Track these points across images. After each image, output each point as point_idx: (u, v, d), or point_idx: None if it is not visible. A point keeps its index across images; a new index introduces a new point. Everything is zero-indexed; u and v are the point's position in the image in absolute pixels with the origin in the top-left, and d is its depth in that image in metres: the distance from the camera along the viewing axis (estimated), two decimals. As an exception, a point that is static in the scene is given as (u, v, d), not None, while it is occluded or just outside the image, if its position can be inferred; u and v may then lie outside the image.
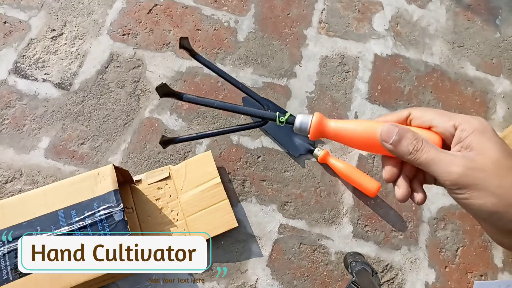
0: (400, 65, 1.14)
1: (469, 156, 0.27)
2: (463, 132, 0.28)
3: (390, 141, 0.28)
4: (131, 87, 1.04)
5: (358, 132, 0.30)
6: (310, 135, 0.31)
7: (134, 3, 1.14)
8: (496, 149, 0.26)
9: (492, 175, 0.25)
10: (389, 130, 0.29)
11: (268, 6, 1.18)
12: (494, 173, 0.25)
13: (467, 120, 0.28)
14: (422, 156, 0.27)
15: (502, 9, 1.25)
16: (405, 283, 0.92)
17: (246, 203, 0.95)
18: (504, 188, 0.25)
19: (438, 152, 0.27)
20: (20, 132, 0.97)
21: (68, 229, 0.79)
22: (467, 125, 0.28)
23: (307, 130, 0.31)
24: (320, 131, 0.31)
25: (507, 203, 0.25)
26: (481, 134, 0.27)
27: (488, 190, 0.25)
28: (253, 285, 0.89)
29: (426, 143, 0.28)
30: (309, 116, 0.31)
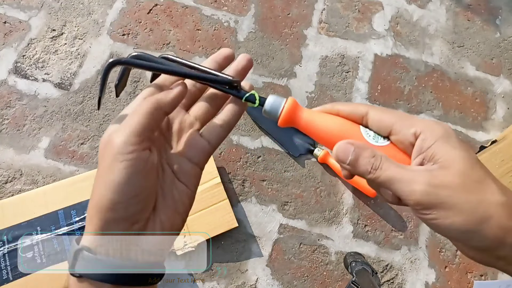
0: (400, 65, 1.14)
1: (432, 171, 0.24)
2: (425, 141, 0.25)
3: (347, 161, 0.26)
4: (131, 87, 1.04)
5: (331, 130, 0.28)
6: (280, 121, 0.28)
7: (134, 3, 1.14)
8: (461, 159, 0.24)
9: (458, 190, 0.23)
10: (345, 149, 0.26)
11: (268, 6, 1.18)
12: (461, 188, 0.23)
13: (429, 127, 0.25)
14: (382, 175, 0.25)
15: (502, 9, 1.25)
16: (405, 283, 0.92)
17: (246, 203, 0.95)
18: (472, 203, 0.23)
19: (398, 169, 0.25)
20: (20, 132, 0.97)
21: (68, 229, 0.79)
22: (429, 133, 0.25)
23: (277, 115, 0.28)
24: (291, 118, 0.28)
25: (477, 219, 0.23)
26: (444, 142, 0.24)
27: (455, 208, 0.23)
28: (253, 285, 0.89)
29: (385, 159, 0.25)
30: (282, 99, 0.28)
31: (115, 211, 0.22)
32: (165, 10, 1.14)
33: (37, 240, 0.77)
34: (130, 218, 0.23)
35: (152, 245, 0.24)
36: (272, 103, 0.28)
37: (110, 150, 0.23)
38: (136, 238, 0.24)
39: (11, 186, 0.92)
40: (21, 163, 0.94)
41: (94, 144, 0.98)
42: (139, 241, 0.24)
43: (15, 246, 0.76)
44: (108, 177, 0.22)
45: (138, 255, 0.24)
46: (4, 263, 0.75)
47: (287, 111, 0.28)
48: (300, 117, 0.28)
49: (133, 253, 0.24)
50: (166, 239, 0.25)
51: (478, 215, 0.23)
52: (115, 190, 0.22)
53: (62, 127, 0.99)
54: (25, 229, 0.78)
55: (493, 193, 0.23)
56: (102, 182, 0.23)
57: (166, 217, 0.25)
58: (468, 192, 0.23)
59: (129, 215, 0.23)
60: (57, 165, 0.95)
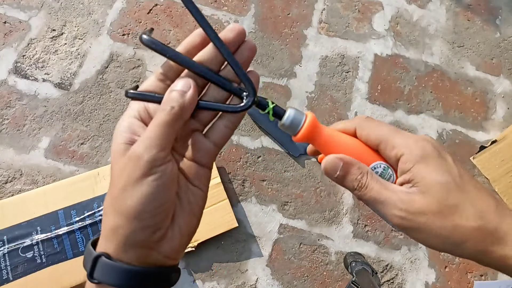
0: (400, 65, 1.14)
1: (411, 196, 0.25)
2: (405, 164, 0.25)
3: (335, 175, 0.27)
4: (131, 87, 1.04)
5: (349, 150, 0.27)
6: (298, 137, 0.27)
7: (134, 3, 1.14)
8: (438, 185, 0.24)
9: (434, 217, 0.24)
10: (333, 164, 0.27)
11: (268, 6, 1.18)
12: (436, 215, 0.24)
13: (409, 148, 0.25)
14: (366, 195, 0.26)
15: (502, 9, 1.25)
16: (405, 283, 0.92)
17: (246, 203, 0.95)
18: (447, 229, 0.24)
19: (382, 189, 0.26)
20: (20, 132, 0.97)
21: (68, 229, 0.79)
22: (408, 156, 0.25)
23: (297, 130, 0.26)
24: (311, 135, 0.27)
25: (452, 243, 0.24)
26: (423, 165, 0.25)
27: (431, 233, 0.24)
28: (253, 285, 0.89)
29: (371, 178, 0.26)
30: (302, 114, 0.26)
31: (142, 220, 0.23)
32: (165, 10, 1.14)
33: (37, 240, 0.77)
34: (154, 226, 0.24)
35: (172, 250, 0.25)
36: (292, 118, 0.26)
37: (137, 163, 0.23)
38: (157, 244, 0.24)
39: (11, 186, 0.92)
40: (21, 163, 0.94)
41: (94, 144, 0.98)
42: (160, 247, 0.24)
43: (15, 246, 0.76)
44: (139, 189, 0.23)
45: (157, 260, 0.25)
46: (4, 263, 0.75)
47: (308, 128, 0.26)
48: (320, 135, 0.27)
49: (152, 258, 0.24)
50: (184, 242, 0.26)
51: (453, 240, 0.24)
52: (143, 202, 0.23)
53: (62, 127, 0.99)
54: (25, 229, 0.78)
55: (468, 218, 0.24)
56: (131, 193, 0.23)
57: (183, 221, 0.25)
58: (443, 218, 0.24)
59: (154, 223, 0.23)
60: (57, 165, 0.95)
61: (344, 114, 1.07)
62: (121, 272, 0.23)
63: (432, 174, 0.25)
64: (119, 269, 0.23)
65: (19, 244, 0.76)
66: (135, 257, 0.24)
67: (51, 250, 0.77)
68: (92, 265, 0.24)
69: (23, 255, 0.76)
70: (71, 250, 0.77)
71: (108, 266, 0.23)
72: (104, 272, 0.23)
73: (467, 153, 1.06)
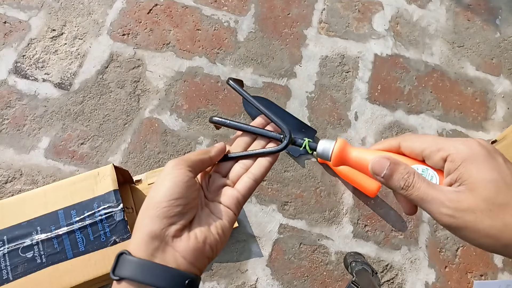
0: (400, 65, 1.14)
1: (459, 194, 0.25)
2: (452, 163, 0.25)
3: (381, 174, 0.27)
4: (131, 87, 1.04)
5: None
6: (332, 162, 0.31)
7: (134, 3, 1.14)
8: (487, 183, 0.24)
9: (483, 216, 0.24)
10: (381, 163, 0.28)
11: (268, 6, 1.18)
12: (485, 214, 0.24)
13: (456, 149, 0.26)
14: (414, 193, 0.26)
15: (502, 9, 1.25)
16: (405, 283, 0.92)
17: (246, 203, 0.95)
18: (497, 229, 0.24)
19: (429, 189, 0.26)
20: (20, 132, 0.97)
21: (68, 229, 0.79)
22: (455, 155, 0.25)
23: (329, 157, 0.31)
24: (342, 158, 0.30)
25: (502, 244, 0.24)
26: (471, 164, 0.25)
27: (480, 232, 0.24)
28: (253, 285, 0.89)
29: (418, 178, 0.26)
30: (332, 142, 0.31)
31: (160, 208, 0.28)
32: (165, 10, 1.14)
33: (37, 240, 0.77)
34: (170, 218, 0.28)
35: (185, 251, 0.28)
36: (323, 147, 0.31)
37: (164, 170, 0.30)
38: (172, 239, 0.27)
39: (11, 186, 0.92)
40: (21, 163, 0.94)
41: (94, 144, 0.98)
42: (175, 244, 0.28)
43: (15, 246, 0.76)
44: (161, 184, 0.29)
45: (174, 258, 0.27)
46: (4, 263, 0.75)
47: (337, 153, 0.30)
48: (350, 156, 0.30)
49: (169, 254, 0.27)
50: (200, 248, 0.28)
51: (504, 240, 0.23)
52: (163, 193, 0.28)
53: (62, 127, 0.99)
54: (25, 229, 0.78)
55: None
56: (156, 188, 0.29)
57: (199, 231, 0.30)
58: (493, 217, 0.24)
59: (170, 214, 0.28)
60: (57, 165, 0.95)
61: (344, 114, 1.07)
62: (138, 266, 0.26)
63: (480, 172, 0.24)
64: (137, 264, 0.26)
65: (19, 244, 0.76)
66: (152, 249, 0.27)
67: (51, 250, 0.77)
68: (115, 262, 0.27)
69: (23, 255, 0.76)
70: (71, 250, 0.77)
71: (125, 262, 0.26)
72: (124, 267, 0.26)
73: (467, 153, 1.06)
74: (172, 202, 0.28)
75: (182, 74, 1.07)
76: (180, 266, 0.27)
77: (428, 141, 0.28)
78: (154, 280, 0.26)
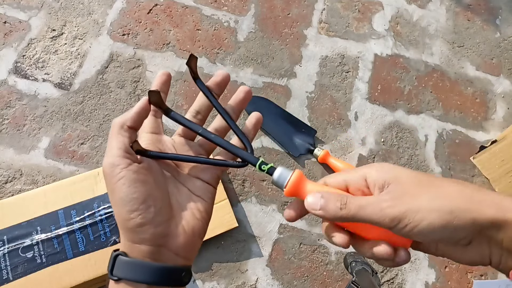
0: (400, 65, 1.15)
1: (390, 190, 0.27)
2: (372, 177, 0.28)
3: (318, 207, 0.28)
4: (131, 87, 1.04)
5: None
6: (285, 192, 0.31)
7: (134, 3, 1.14)
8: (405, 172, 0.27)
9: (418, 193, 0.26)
10: (314, 197, 0.28)
11: (268, 6, 1.18)
12: (419, 191, 0.26)
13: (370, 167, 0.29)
14: (352, 207, 0.27)
15: (502, 9, 1.26)
16: (405, 283, 0.92)
17: (246, 203, 0.95)
18: (438, 199, 0.25)
19: (364, 198, 0.27)
20: (20, 132, 0.97)
21: (68, 229, 0.79)
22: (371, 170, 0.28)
23: (283, 186, 0.31)
24: (296, 191, 0.30)
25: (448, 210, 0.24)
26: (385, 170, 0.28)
27: (425, 208, 0.25)
28: (253, 285, 0.89)
29: (351, 196, 0.28)
30: (289, 172, 0.31)
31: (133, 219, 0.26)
32: (165, 10, 1.14)
33: (37, 240, 0.77)
34: (151, 222, 0.26)
35: (179, 247, 0.28)
36: (279, 175, 0.31)
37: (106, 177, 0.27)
38: (163, 240, 0.27)
39: (11, 186, 0.92)
40: (21, 163, 0.94)
41: (94, 144, 0.98)
42: (167, 243, 0.27)
43: (15, 246, 0.76)
44: (114, 197, 0.26)
45: (169, 257, 0.28)
46: (4, 263, 0.75)
47: (292, 185, 0.30)
48: (304, 191, 0.30)
49: (163, 256, 0.27)
50: (190, 240, 0.29)
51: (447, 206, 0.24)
52: (124, 204, 0.26)
53: (62, 127, 0.99)
54: (25, 229, 0.78)
55: (449, 185, 0.26)
56: (113, 203, 0.27)
57: (185, 222, 0.29)
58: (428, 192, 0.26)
59: (148, 219, 0.26)
60: (57, 165, 0.95)
61: (344, 114, 1.07)
62: (135, 267, 0.27)
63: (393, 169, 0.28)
64: (133, 264, 0.27)
65: (19, 244, 0.76)
66: (147, 253, 0.27)
67: (51, 250, 0.77)
68: (112, 263, 0.27)
69: (23, 255, 0.76)
70: (71, 250, 0.77)
71: (124, 263, 0.27)
72: (121, 268, 0.27)
73: (467, 153, 1.06)
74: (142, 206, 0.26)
75: (182, 74, 1.07)
76: (174, 262, 0.28)
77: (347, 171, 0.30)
78: (151, 278, 0.26)
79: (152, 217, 0.26)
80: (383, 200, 0.26)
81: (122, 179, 0.26)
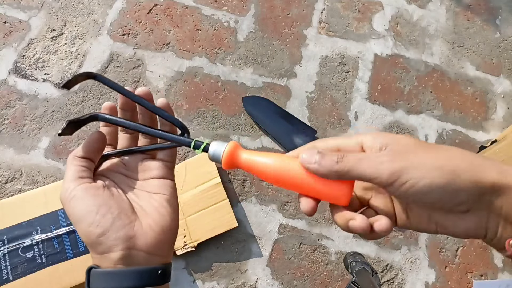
0: (400, 65, 1.14)
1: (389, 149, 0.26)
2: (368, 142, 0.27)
3: (313, 160, 0.27)
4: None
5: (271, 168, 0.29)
6: (223, 164, 0.30)
7: (134, 3, 1.14)
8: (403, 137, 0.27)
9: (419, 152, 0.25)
10: (310, 152, 0.28)
11: (268, 6, 1.18)
12: (420, 151, 0.25)
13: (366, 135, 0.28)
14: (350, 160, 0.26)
15: (502, 9, 1.25)
16: (405, 283, 0.92)
17: (246, 203, 0.95)
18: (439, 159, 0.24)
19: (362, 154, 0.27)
20: (20, 132, 0.97)
21: (68, 229, 0.79)
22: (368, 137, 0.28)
23: (220, 160, 0.30)
24: (232, 162, 0.30)
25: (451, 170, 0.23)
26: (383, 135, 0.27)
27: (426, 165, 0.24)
28: (253, 285, 0.89)
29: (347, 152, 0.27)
30: (224, 144, 0.30)
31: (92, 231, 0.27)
32: (165, 10, 1.14)
33: (37, 240, 0.77)
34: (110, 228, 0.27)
35: (149, 245, 0.28)
36: (214, 150, 0.30)
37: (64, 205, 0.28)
38: (132, 242, 0.27)
39: (11, 186, 0.92)
40: (21, 163, 0.94)
41: (94, 144, 0.98)
42: (136, 245, 0.27)
43: (15, 246, 0.76)
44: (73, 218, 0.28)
45: (143, 258, 0.28)
46: (4, 263, 0.75)
47: (227, 155, 0.30)
48: (240, 158, 0.30)
49: (136, 258, 0.27)
50: (161, 237, 0.29)
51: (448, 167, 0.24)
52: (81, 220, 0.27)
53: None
54: (25, 229, 0.78)
55: (450, 149, 0.25)
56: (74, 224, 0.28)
57: (151, 220, 0.29)
58: (428, 153, 0.25)
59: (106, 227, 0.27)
60: (57, 165, 0.95)
61: (344, 114, 1.07)
62: (109, 276, 0.27)
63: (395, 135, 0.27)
64: (107, 274, 0.27)
65: (19, 244, 0.76)
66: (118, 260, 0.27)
67: (51, 250, 0.77)
68: (87, 277, 0.27)
69: (23, 255, 0.76)
70: (71, 250, 0.77)
71: (98, 274, 0.27)
72: (96, 280, 0.27)
73: (467, 153, 1.06)
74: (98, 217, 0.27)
75: (182, 74, 1.07)
76: (149, 262, 0.28)
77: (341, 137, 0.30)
78: (127, 283, 0.27)
79: (110, 223, 0.27)
80: (383, 155, 0.25)
81: (73, 198, 0.28)
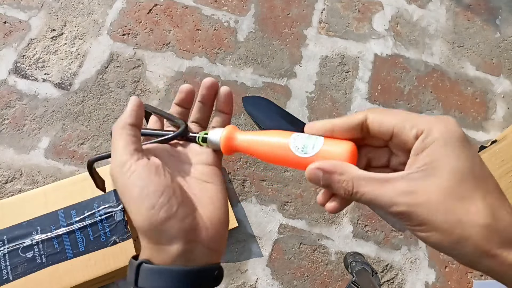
0: (400, 65, 1.14)
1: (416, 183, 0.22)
2: (423, 143, 0.23)
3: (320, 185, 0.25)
4: (131, 87, 1.04)
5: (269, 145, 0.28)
6: (222, 149, 0.29)
7: (134, 3, 1.14)
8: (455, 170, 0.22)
9: (437, 210, 0.22)
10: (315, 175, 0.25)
11: (268, 6, 1.18)
12: (440, 207, 0.22)
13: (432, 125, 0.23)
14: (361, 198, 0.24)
15: (502, 9, 1.25)
16: (405, 283, 0.92)
17: (246, 203, 0.95)
18: (449, 224, 0.21)
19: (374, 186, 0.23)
20: (20, 132, 0.97)
21: (68, 229, 0.79)
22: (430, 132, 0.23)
23: (218, 145, 0.29)
24: (230, 145, 0.29)
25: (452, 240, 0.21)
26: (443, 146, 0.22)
27: (432, 225, 0.22)
28: (253, 285, 0.89)
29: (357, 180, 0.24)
30: (221, 130, 0.29)
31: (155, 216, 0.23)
32: (165, 10, 1.14)
33: (37, 240, 0.77)
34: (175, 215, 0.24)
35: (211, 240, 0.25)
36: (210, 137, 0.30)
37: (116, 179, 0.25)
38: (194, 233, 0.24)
39: (11, 186, 0.92)
40: (21, 163, 0.94)
41: (94, 144, 0.98)
42: (199, 236, 0.25)
43: (15, 246, 0.76)
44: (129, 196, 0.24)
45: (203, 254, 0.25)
46: (4, 263, 0.75)
47: (225, 139, 0.29)
48: (237, 140, 0.29)
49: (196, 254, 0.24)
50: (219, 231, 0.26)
51: (455, 236, 0.21)
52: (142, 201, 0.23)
53: (62, 127, 0.99)
54: (25, 229, 0.78)
55: (476, 214, 0.21)
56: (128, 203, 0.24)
57: (208, 211, 0.26)
58: (447, 212, 0.22)
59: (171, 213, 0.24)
60: (57, 165, 0.95)
61: (344, 114, 1.07)
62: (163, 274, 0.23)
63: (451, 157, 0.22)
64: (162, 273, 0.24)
65: (19, 244, 0.76)
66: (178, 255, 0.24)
67: (51, 250, 0.77)
68: (136, 273, 0.24)
69: (23, 255, 0.76)
70: (71, 250, 0.77)
71: (152, 272, 0.24)
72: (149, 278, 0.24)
73: (467, 153, 1.06)
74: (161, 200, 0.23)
75: (182, 74, 1.07)
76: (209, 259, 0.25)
77: (400, 116, 0.24)
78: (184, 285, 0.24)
79: (175, 209, 0.24)
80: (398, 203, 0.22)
81: (134, 174, 0.24)
